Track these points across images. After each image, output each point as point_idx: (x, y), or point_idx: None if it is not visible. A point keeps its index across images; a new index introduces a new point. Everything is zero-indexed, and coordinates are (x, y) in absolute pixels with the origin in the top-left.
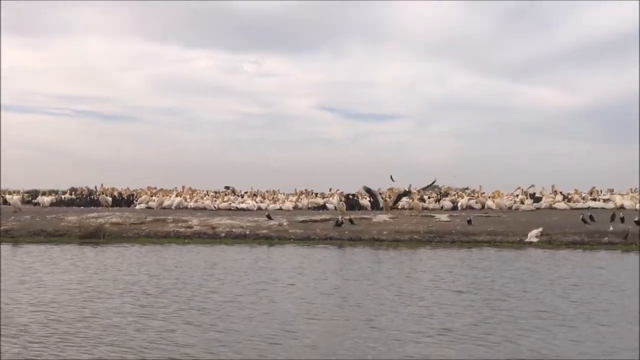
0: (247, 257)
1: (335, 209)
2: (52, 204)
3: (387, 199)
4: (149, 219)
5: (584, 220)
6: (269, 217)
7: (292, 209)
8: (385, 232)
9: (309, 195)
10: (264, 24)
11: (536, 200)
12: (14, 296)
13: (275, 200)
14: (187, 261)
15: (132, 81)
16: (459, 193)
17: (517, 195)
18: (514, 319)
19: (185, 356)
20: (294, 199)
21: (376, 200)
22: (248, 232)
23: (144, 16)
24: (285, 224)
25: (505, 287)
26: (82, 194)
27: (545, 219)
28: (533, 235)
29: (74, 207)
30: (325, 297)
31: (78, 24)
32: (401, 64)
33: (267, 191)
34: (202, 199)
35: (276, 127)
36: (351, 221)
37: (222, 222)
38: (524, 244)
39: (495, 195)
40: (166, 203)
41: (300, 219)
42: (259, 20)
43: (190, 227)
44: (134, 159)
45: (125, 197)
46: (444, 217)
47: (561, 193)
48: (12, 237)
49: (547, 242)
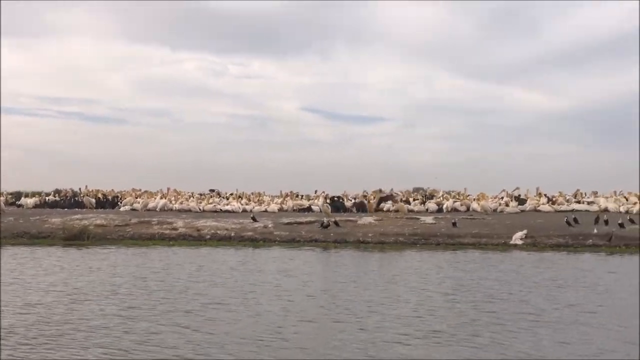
0: (233, 259)
1: (321, 211)
2: (35, 206)
3: (370, 201)
4: (134, 220)
5: (568, 222)
6: (254, 219)
7: (277, 211)
8: (370, 235)
9: (294, 197)
10: (250, 26)
11: (521, 202)
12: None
13: (260, 203)
14: (173, 263)
15: (118, 83)
16: (444, 195)
17: (502, 198)
18: (501, 321)
19: (174, 357)
20: (279, 201)
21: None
22: (233, 234)
23: (130, 18)
24: (270, 226)
25: (491, 289)
26: (66, 196)
27: (529, 222)
28: (517, 237)
29: (57, 209)
30: (312, 299)
31: (64, 25)
32: (387, 66)
33: (252, 193)
34: (187, 200)
35: (262, 129)
36: (336, 223)
37: (207, 224)
38: (508, 246)
39: (480, 197)
40: (151, 205)
41: (286, 221)
42: (245, 22)
43: (175, 229)
44: (119, 160)
45: (109, 198)
46: (429, 219)
47: (545, 195)
48: None
49: (532, 244)
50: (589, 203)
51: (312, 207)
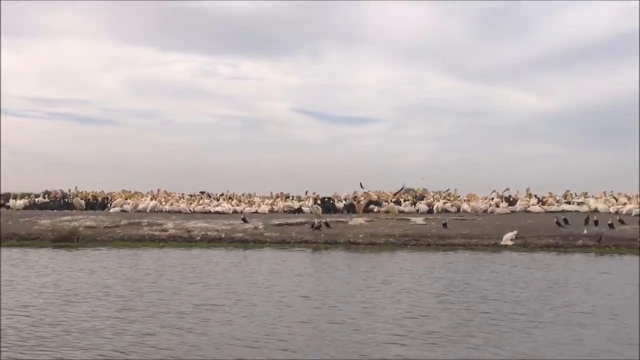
0: (224, 261)
1: (312, 213)
2: (25, 207)
3: (360, 202)
4: (124, 222)
5: (558, 223)
6: (244, 221)
7: (267, 212)
8: (361, 236)
9: (284, 198)
10: (241, 26)
11: (511, 203)
12: None
13: (251, 204)
14: (164, 264)
15: (108, 84)
16: (434, 196)
17: (493, 199)
18: (494, 322)
19: (169, 358)
20: (270, 202)
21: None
22: (223, 236)
23: (120, 19)
24: (260, 227)
25: (484, 289)
26: (55, 197)
27: (520, 222)
28: (508, 238)
29: (47, 211)
30: (305, 300)
31: (54, 26)
32: (378, 67)
33: (242, 194)
34: (177, 202)
35: (253, 130)
36: (327, 224)
37: (198, 226)
38: (499, 247)
39: (470, 198)
40: (141, 206)
41: (276, 222)
42: (235, 23)
43: (165, 230)
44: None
45: (99, 200)
46: (419, 220)
47: (536, 196)
48: None
49: (522, 245)
50: (579, 204)
51: (303, 208)
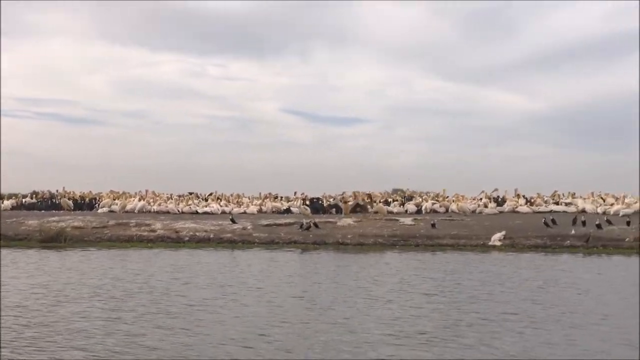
0: (213, 261)
1: (300, 213)
2: (12, 208)
3: (347, 202)
4: (112, 222)
5: (546, 223)
6: (233, 221)
7: (256, 212)
8: (349, 236)
9: (273, 198)
10: (230, 27)
11: (499, 204)
12: None
13: (239, 204)
14: (153, 265)
15: (97, 84)
16: (423, 197)
17: (481, 199)
18: (485, 322)
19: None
20: (259, 202)
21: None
22: (212, 236)
23: (108, 19)
24: (249, 227)
25: (474, 290)
26: (43, 198)
27: (508, 223)
28: (496, 238)
29: (34, 211)
30: (295, 300)
31: (42, 26)
32: (366, 67)
33: (231, 195)
34: (165, 202)
35: (242, 131)
36: (316, 225)
37: (186, 226)
38: (487, 247)
39: (456, 199)
40: (129, 207)
41: (265, 222)
42: (224, 23)
43: (154, 231)
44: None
45: (87, 200)
46: (408, 220)
47: (524, 197)
48: None
49: (510, 245)
50: (566, 204)
51: (292, 208)
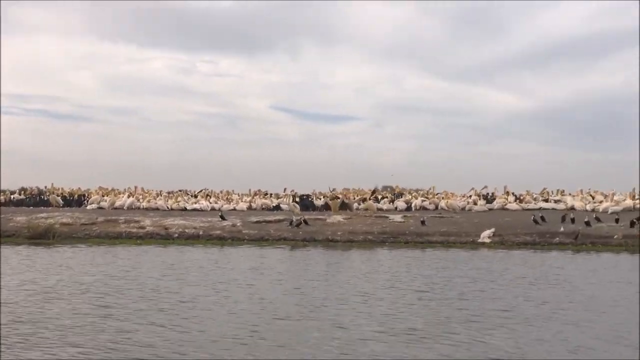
0: (203, 258)
1: (290, 210)
2: (0, 204)
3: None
4: (100, 219)
5: (535, 221)
6: (222, 218)
7: (246, 209)
8: (339, 233)
9: (263, 195)
10: (219, 23)
11: (489, 201)
12: None
13: (229, 201)
14: (143, 262)
15: (85, 80)
16: (413, 194)
17: (470, 196)
18: (476, 318)
19: (151, 356)
20: (248, 199)
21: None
22: (201, 233)
23: (97, 16)
24: (239, 224)
25: (464, 287)
26: (31, 194)
27: (497, 220)
28: (485, 235)
29: (23, 208)
30: (286, 297)
31: (30, 22)
32: (356, 65)
33: (220, 191)
34: (154, 199)
35: (232, 128)
36: (305, 222)
37: (175, 223)
38: (476, 244)
39: (445, 196)
40: (118, 203)
41: (254, 219)
42: (213, 20)
43: (143, 227)
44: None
45: (76, 197)
46: (397, 217)
47: (513, 194)
48: None
49: (500, 242)
50: (556, 201)
51: (281, 205)
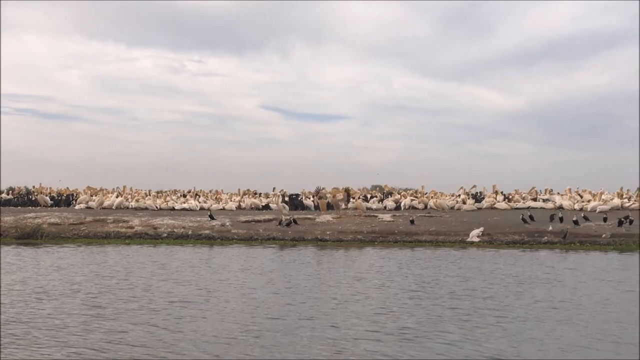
0: (193, 257)
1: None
2: None
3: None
4: (89, 219)
5: (524, 220)
6: (211, 217)
7: (235, 209)
8: (328, 232)
9: (252, 195)
10: (208, 22)
11: (478, 200)
12: None
13: (218, 200)
14: (132, 261)
15: (74, 80)
16: (402, 193)
17: (459, 196)
18: (467, 317)
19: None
20: (238, 199)
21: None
22: (190, 233)
23: (86, 15)
24: (228, 224)
25: (455, 286)
26: (19, 194)
27: (486, 219)
28: (474, 234)
29: (10, 207)
30: (276, 296)
31: (19, 21)
32: (346, 65)
33: (210, 191)
34: (143, 199)
35: (221, 127)
36: (295, 221)
37: (164, 222)
38: (465, 243)
39: (434, 195)
40: (106, 203)
41: (243, 219)
42: (202, 19)
43: (131, 227)
44: (74, 158)
45: (64, 197)
46: (387, 217)
47: (502, 193)
48: None
49: (489, 241)
50: (544, 200)
51: (270, 205)
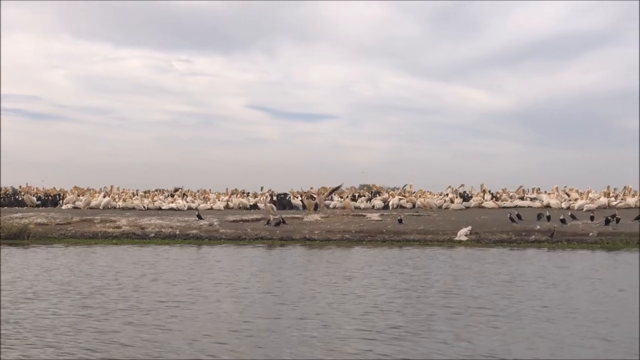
0: (181, 257)
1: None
2: None
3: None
4: (76, 219)
5: (511, 218)
6: (199, 217)
7: (223, 208)
8: (316, 232)
9: (240, 195)
10: (195, 22)
11: (465, 199)
12: None
13: (206, 200)
14: (120, 261)
15: (61, 80)
16: (390, 192)
17: (447, 195)
18: (459, 316)
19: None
20: (225, 198)
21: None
22: (178, 232)
23: (73, 14)
24: (215, 223)
25: (445, 285)
26: (6, 194)
27: (474, 218)
28: (462, 233)
29: None
30: (265, 296)
31: (5, 21)
32: (333, 64)
33: (197, 191)
34: (130, 198)
35: (209, 127)
36: (283, 221)
37: (152, 222)
38: (453, 242)
39: (422, 194)
40: (94, 203)
41: (231, 218)
42: (189, 18)
43: (119, 227)
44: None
45: (51, 197)
46: (375, 216)
47: (490, 192)
48: None
49: (476, 240)
50: (531, 199)
51: (258, 204)
